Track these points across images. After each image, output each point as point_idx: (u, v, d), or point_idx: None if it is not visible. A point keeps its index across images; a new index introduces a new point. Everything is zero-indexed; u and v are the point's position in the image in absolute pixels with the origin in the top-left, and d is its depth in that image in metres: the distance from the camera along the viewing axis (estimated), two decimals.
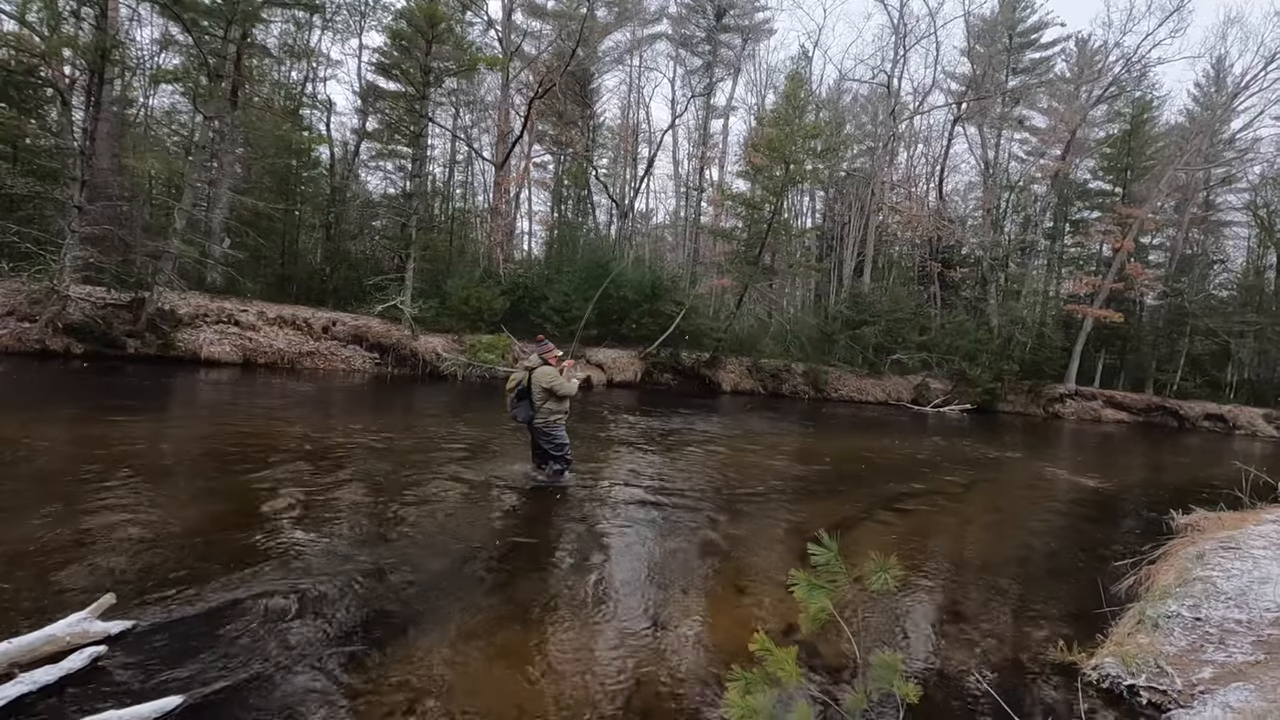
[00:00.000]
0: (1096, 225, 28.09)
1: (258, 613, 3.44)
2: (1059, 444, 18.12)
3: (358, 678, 2.94)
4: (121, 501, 4.98)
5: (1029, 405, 26.10)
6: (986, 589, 5.06)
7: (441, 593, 3.94)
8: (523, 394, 6.52)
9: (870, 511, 7.06)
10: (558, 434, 6.61)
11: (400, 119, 20.73)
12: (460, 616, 3.64)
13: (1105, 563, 5.90)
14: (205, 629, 3.24)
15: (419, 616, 3.60)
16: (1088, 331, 27.65)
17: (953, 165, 33.92)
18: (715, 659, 3.37)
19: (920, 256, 31.64)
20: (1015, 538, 6.81)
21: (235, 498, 5.39)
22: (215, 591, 3.61)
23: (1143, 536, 6.67)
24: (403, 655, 3.17)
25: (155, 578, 3.71)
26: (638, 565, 4.71)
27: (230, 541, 4.38)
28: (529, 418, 6.56)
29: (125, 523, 4.55)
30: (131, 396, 10.19)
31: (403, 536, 4.85)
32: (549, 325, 19.10)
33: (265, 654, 3.06)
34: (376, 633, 3.35)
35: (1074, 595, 5.10)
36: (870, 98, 36.60)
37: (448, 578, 4.18)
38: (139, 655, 2.95)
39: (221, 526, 4.66)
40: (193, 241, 14.16)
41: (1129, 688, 3.50)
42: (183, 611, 3.36)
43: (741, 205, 25.18)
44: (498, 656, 3.23)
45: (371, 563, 4.24)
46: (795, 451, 11.24)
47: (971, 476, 10.42)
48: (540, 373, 6.48)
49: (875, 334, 24.58)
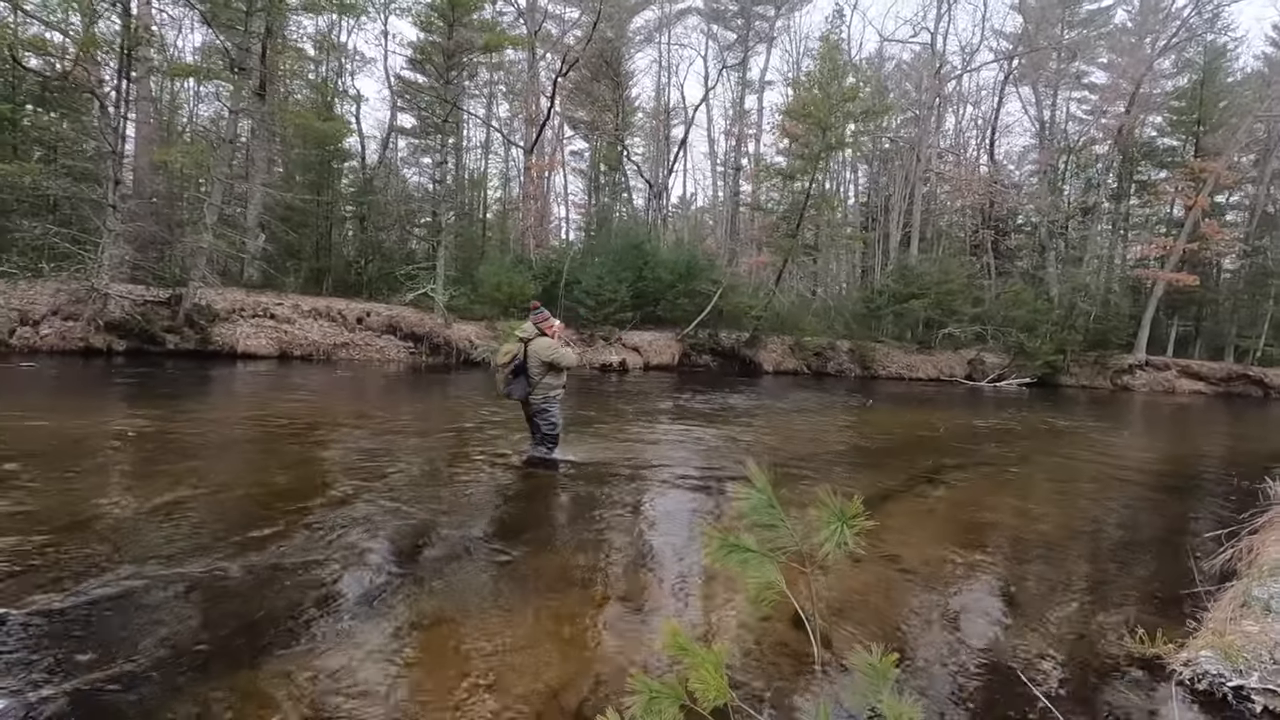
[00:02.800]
0: (1167, 183, 26.06)
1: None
2: (1130, 416, 16.81)
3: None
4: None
5: (1094, 377, 24.55)
6: (1047, 566, 4.34)
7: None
8: (519, 369, 5.90)
9: (915, 483, 6.41)
10: (554, 411, 6.10)
11: (429, 107, 20.62)
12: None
13: (1191, 537, 5.11)
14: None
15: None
16: (1158, 297, 25.83)
17: (1005, 128, 32.16)
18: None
19: (972, 225, 30.05)
20: (1083, 510, 6.02)
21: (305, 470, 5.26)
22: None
23: (1235, 507, 5.82)
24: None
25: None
26: (658, 543, 4.24)
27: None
28: (526, 394, 5.98)
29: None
30: (175, 390, 10.23)
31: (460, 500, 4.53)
32: (582, 310, 18.75)
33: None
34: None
35: (1155, 573, 4.34)
36: (914, 64, 35.03)
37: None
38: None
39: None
40: (224, 236, 14.26)
41: (1235, 690, 2.69)
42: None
43: (779, 177, 24.26)
44: (532, 626, 2.83)
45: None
46: (841, 427, 10.57)
47: (1032, 447, 9.59)
48: (539, 344, 5.89)
49: (924, 307, 23.42)
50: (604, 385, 15.22)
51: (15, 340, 12.51)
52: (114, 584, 3.12)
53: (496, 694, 2.42)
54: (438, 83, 18.85)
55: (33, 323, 12.86)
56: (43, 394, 9.36)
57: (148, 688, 2.33)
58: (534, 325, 5.97)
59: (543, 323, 5.98)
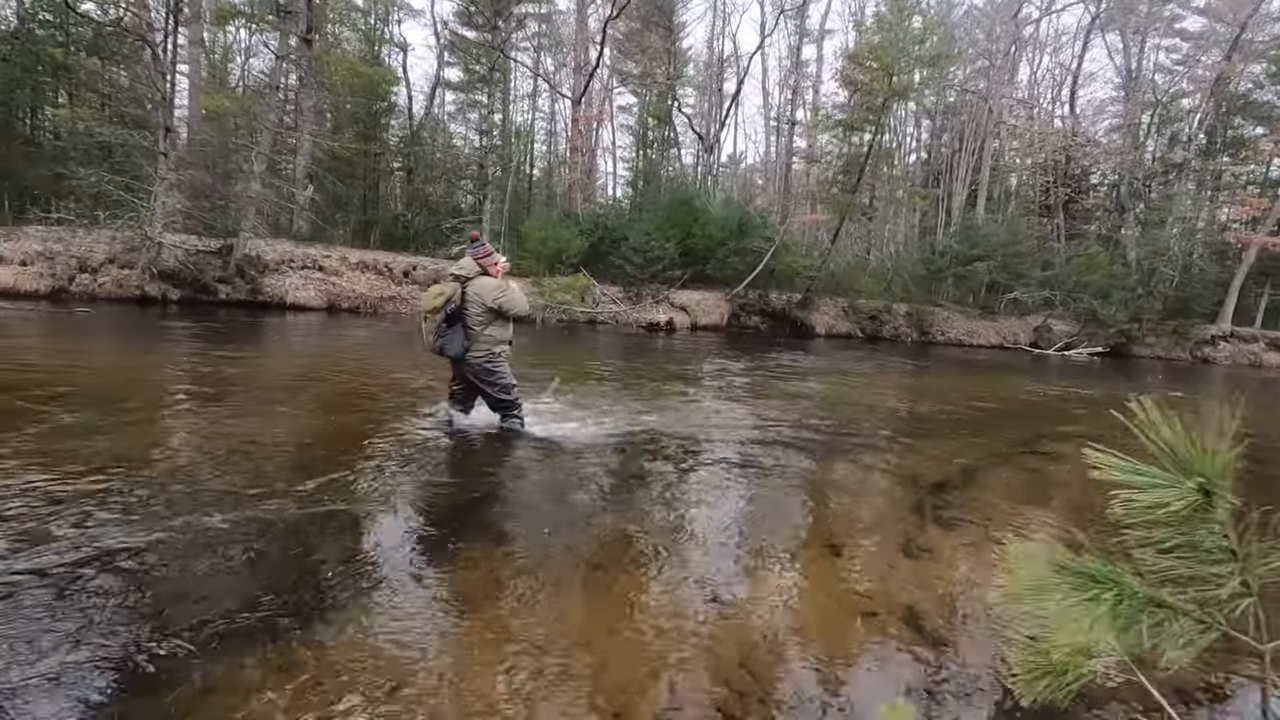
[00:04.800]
0: (1268, 138, 23.73)
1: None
2: (1230, 387, 15.47)
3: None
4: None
5: (1172, 348, 22.94)
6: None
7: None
8: (453, 316, 4.70)
9: (1007, 454, 5.79)
10: (502, 372, 4.89)
11: (477, 56, 20.05)
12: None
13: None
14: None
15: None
16: (1249, 264, 23.83)
17: (1087, 77, 29.77)
18: (799, 648, 2.41)
19: (1043, 184, 28.14)
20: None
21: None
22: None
23: None
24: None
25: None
26: (717, 516, 3.79)
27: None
28: (462, 350, 4.76)
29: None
30: (233, 338, 10.22)
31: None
32: (629, 267, 18.23)
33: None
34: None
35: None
36: (985, 9, 32.63)
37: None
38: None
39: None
40: (273, 186, 14.15)
41: None
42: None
43: (840, 128, 22.99)
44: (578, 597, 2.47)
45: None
46: (904, 391, 9.92)
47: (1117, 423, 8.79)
48: (481, 285, 4.70)
49: (989, 270, 22.10)
50: (651, 344, 14.80)
51: (75, 287, 12.71)
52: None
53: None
54: (486, 32, 18.29)
55: (91, 270, 13.05)
56: (104, 338, 9.43)
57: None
58: (474, 262, 4.77)
59: (485, 259, 4.78)
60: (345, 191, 18.25)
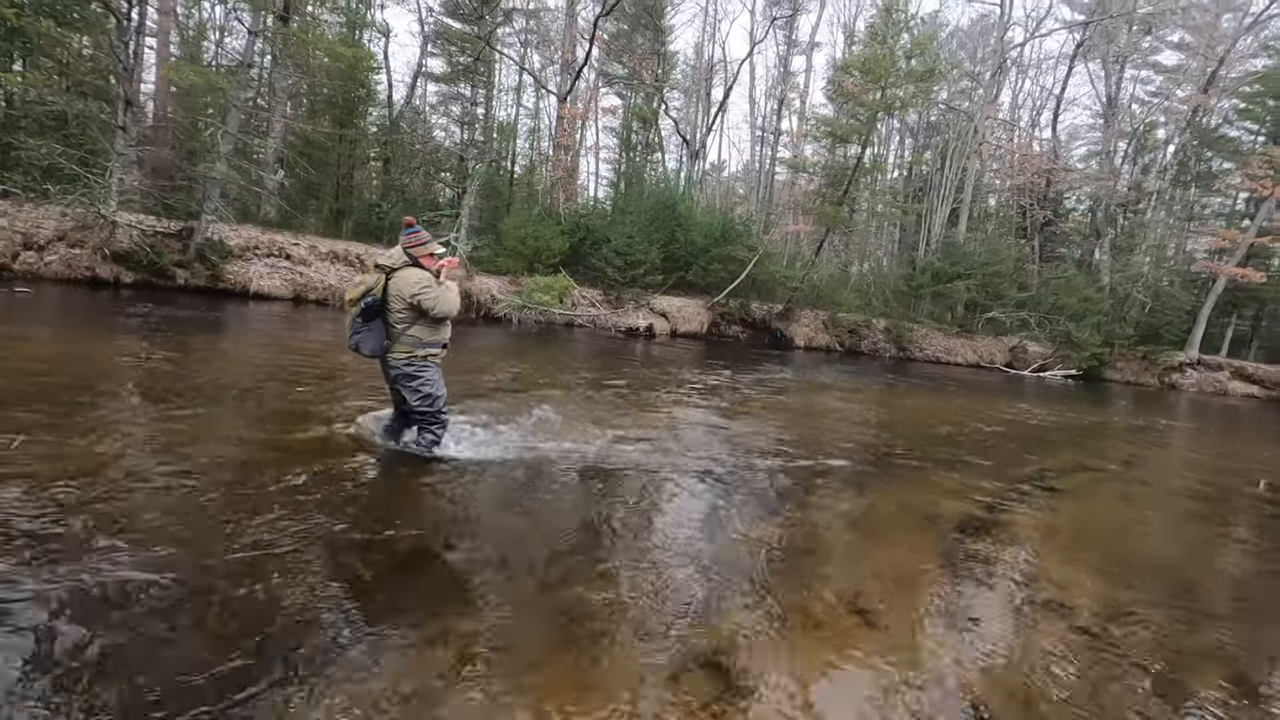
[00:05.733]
0: (1244, 169, 24.20)
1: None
2: (1207, 418, 15.58)
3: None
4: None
5: (1142, 374, 23.30)
6: (1240, 625, 3.41)
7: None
8: (372, 310, 4.11)
9: (1021, 491, 5.45)
10: (426, 379, 4.29)
11: (461, 46, 19.50)
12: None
13: None
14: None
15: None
16: (1218, 294, 24.30)
17: (1068, 102, 30.22)
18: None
19: (1022, 206, 28.43)
20: (1236, 537, 5.13)
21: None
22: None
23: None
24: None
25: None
26: (700, 572, 3.12)
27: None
28: (380, 349, 4.21)
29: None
30: (184, 328, 9.57)
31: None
32: (610, 269, 17.84)
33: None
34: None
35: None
36: (970, 32, 33.02)
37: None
38: None
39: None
40: (240, 168, 13.46)
41: None
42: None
43: (827, 139, 22.89)
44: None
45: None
46: (893, 411, 9.69)
47: (1127, 452, 8.69)
48: (405, 278, 4.08)
49: (969, 288, 22.18)
50: (629, 350, 14.41)
51: (19, 265, 11.89)
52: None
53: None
54: (472, 23, 17.79)
55: (37, 247, 12.23)
56: (40, 322, 8.73)
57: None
58: (403, 251, 4.13)
59: (417, 247, 4.14)
60: (318, 178, 17.54)
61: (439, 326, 4.30)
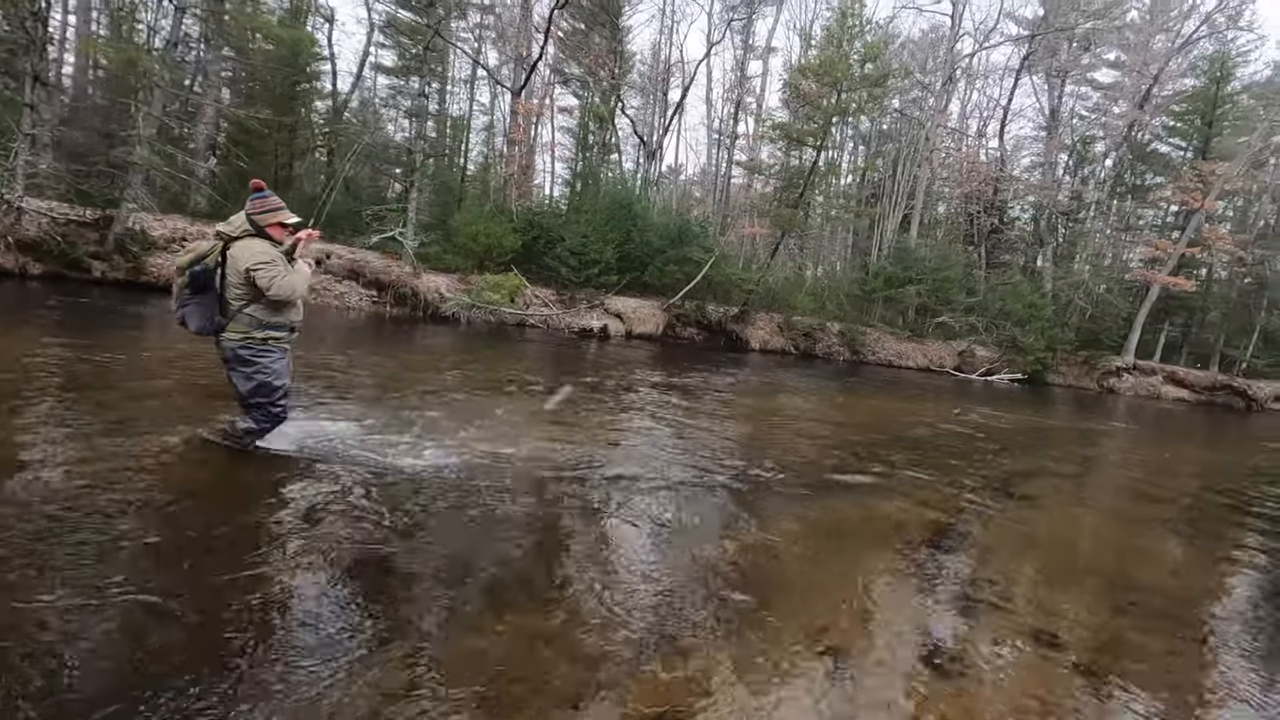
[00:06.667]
0: (1178, 182, 25.24)
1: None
2: (1148, 421, 16.00)
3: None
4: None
5: (1082, 377, 24.04)
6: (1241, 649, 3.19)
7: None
8: (200, 280, 3.57)
9: (988, 501, 5.26)
10: (263, 365, 3.76)
11: (411, 35, 18.80)
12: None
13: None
14: None
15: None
16: (1152, 301, 25.28)
17: (1015, 112, 31.07)
18: None
19: (972, 212, 29.12)
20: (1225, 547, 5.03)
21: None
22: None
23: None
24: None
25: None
26: (643, 600, 2.81)
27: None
28: (209, 326, 3.66)
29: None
30: (91, 323, 8.75)
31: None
32: (564, 269, 17.42)
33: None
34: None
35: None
36: (920, 43, 33.71)
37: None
38: None
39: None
40: (164, 154, 12.56)
41: None
42: None
43: (783, 140, 22.93)
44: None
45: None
46: (850, 413, 9.54)
47: (1083, 455, 8.74)
48: (243, 248, 3.56)
49: (920, 293, 22.52)
50: (583, 351, 14.02)
51: None
52: None
53: None
54: (420, 12, 17.16)
55: None
56: None
57: None
58: (246, 218, 3.62)
59: (263, 214, 3.63)
60: (254, 168, 16.55)
61: (284, 306, 3.78)
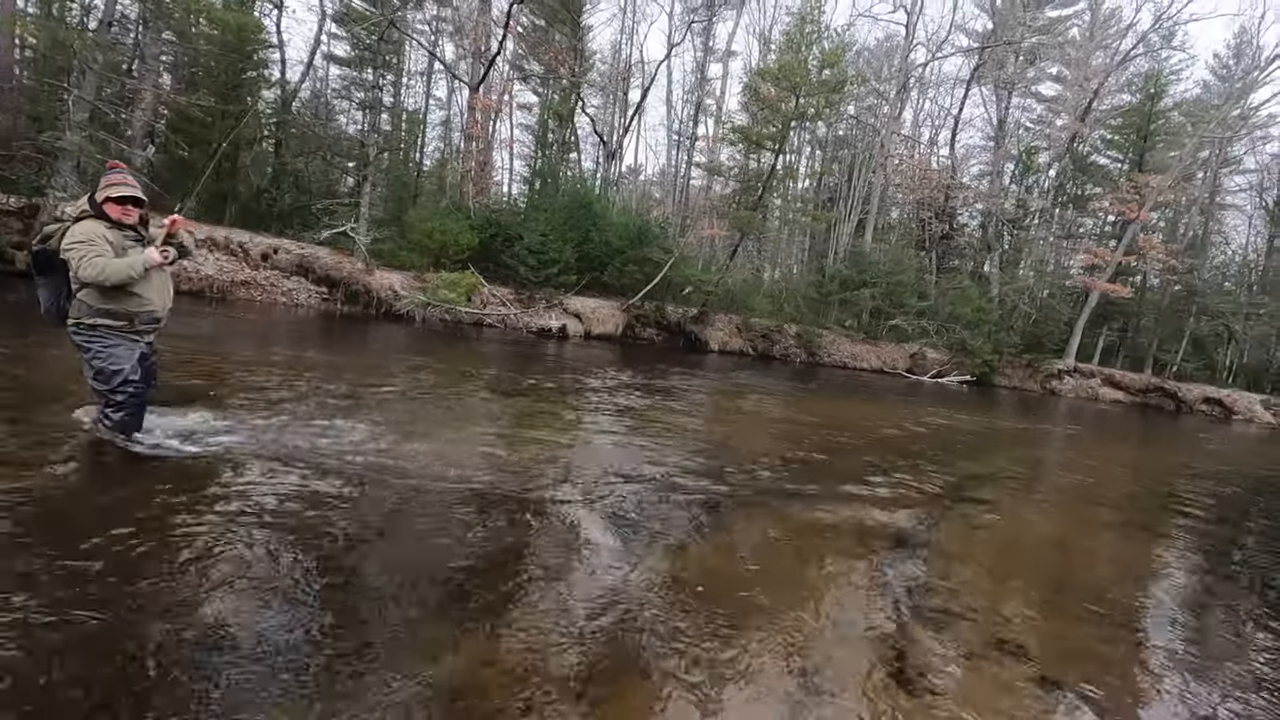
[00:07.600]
0: (1116, 193, 26.38)
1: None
2: (1095, 423, 16.64)
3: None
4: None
5: (1026, 380, 24.93)
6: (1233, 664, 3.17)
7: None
8: (41, 261, 3.52)
9: (945, 504, 5.29)
10: (96, 351, 3.54)
11: (364, 24, 18.25)
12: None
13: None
14: None
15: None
16: (1092, 306, 26.37)
17: (965, 122, 32.03)
18: None
19: (924, 218, 29.90)
20: (1187, 548, 5.17)
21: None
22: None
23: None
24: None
25: None
26: (591, 626, 2.58)
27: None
28: (51, 308, 3.64)
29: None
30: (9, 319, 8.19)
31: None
32: (523, 268, 17.17)
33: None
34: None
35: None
36: (876, 52, 34.46)
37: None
38: None
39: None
40: (97, 140, 11.88)
41: None
42: None
43: (742, 143, 23.11)
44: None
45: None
46: (808, 414, 9.61)
47: (1035, 456, 9.00)
48: (71, 230, 3.34)
49: (874, 296, 23.00)
50: (540, 350, 13.83)
51: None
52: None
53: None
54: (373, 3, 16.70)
55: None
56: None
57: None
58: (88, 202, 3.45)
59: (104, 189, 3.45)
60: (195, 157, 15.84)
61: (117, 293, 3.47)
